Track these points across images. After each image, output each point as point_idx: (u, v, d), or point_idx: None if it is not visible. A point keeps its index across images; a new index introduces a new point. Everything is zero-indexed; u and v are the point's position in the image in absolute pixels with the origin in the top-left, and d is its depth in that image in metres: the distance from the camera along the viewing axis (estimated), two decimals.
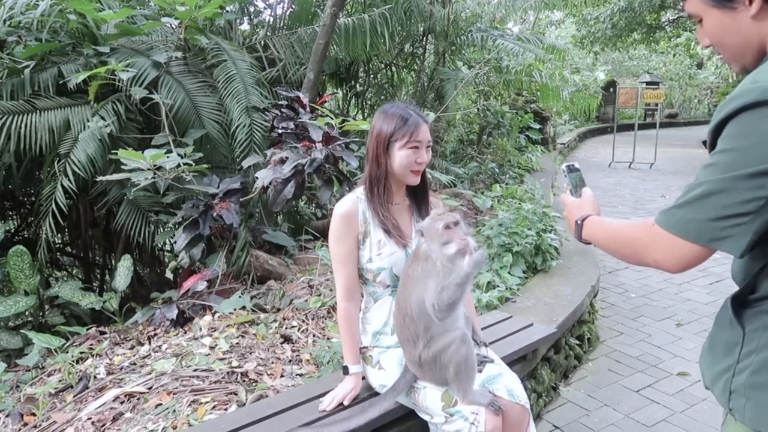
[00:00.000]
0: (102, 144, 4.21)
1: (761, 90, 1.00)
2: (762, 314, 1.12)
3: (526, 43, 7.92)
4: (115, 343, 3.44)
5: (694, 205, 1.09)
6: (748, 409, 1.11)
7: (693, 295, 4.97)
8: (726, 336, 1.19)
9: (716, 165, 1.06)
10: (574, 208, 1.58)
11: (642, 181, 11.50)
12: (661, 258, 1.16)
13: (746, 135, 1.02)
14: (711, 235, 1.07)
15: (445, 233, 1.93)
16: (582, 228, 1.49)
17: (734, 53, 1.20)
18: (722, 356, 1.18)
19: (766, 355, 1.09)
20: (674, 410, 3.20)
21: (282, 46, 5.82)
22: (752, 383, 1.10)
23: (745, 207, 1.02)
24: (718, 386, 1.18)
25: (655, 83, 14.81)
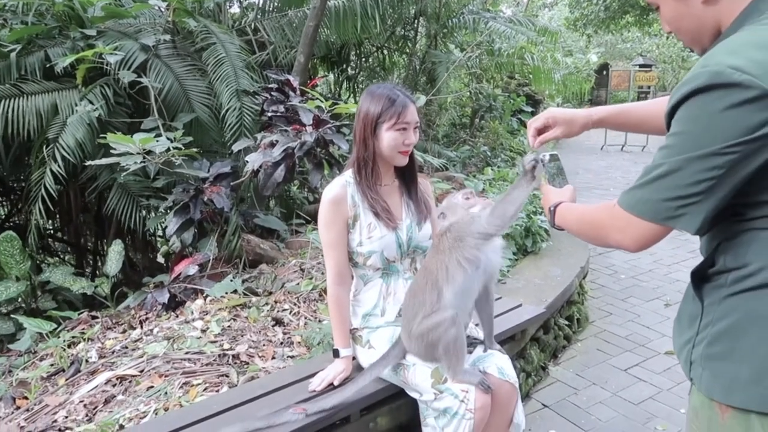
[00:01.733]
0: (91, 128, 4.18)
1: (709, 74, 1.02)
2: (718, 288, 1.15)
3: (518, 26, 7.89)
4: (106, 327, 3.44)
5: (650, 185, 1.12)
6: (704, 379, 1.14)
7: (682, 276, 5.02)
8: (689, 309, 1.23)
9: (670, 147, 1.09)
10: (550, 195, 1.60)
11: (634, 163, 11.54)
12: (620, 238, 1.20)
13: (696, 118, 1.04)
14: (666, 214, 1.10)
15: (466, 202, 2.01)
16: (555, 214, 1.52)
17: (692, 37, 1.23)
18: (686, 328, 1.22)
19: (719, 328, 1.13)
20: (661, 388, 3.25)
21: (272, 29, 5.77)
22: (707, 354, 1.14)
23: (697, 187, 1.05)
24: (682, 356, 1.22)
25: (648, 66, 14.82)
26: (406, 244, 2.19)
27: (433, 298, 1.98)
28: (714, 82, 1.01)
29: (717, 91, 1.01)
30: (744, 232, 1.10)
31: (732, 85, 0.99)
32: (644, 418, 2.97)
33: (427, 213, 2.30)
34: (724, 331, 1.12)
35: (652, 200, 1.12)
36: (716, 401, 1.13)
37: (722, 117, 1.01)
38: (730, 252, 1.12)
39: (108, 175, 4.39)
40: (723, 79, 1.00)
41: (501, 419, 2.07)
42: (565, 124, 1.70)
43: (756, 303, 1.08)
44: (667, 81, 26.40)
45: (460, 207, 2.01)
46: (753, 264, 1.08)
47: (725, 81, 1.00)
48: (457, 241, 1.95)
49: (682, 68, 26.63)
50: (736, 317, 1.11)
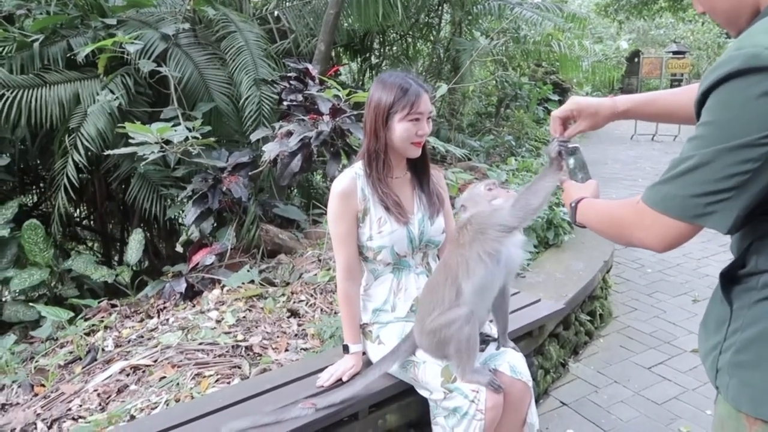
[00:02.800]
0: (111, 118, 4.21)
1: (745, 57, 0.92)
2: (749, 291, 1.07)
3: (545, 12, 7.69)
4: (125, 316, 3.47)
5: (677, 180, 1.03)
6: (731, 388, 1.07)
7: (712, 271, 4.86)
8: (717, 312, 1.15)
9: (699, 138, 1.00)
10: (572, 191, 1.51)
11: (665, 153, 11.23)
12: (644, 236, 1.12)
13: (729, 106, 0.95)
14: (695, 211, 1.02)
15: (488, 193, 1.93)
16: (576, 211, 1.43)
17: (728, 17, 1.12)
18: (713, 333, 1.14)
19: (749, 334, 1.05)
20: (686, 388, 3.14)
21: (293, 17, 5.73)
22: (736, 362, 1.07)
23: (729, 182, 0.96)
24: (708, 363, 1.15)
25: (682, 53, 14.37)
26: (417, 239, 2.13)
27: (452, 295, 1.92)
28: (750, 65, 0.91)
29: (753, 76, 0.91)
30: None
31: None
32: (668, 418, 2.87)
33: (440, 206, 2.23)
34: (754, 338, 1.04)
35: (680, 196, 1.03)
36: (744, 413, 1.05)
37: (758, 104, 0.91)
38: (764, 252, 1.03)
39: (129, 165, 4.42)
40: (760, 63, 0.90)
41: (514, 419, 2.01)
42: (590, 116, 1.59)
43: None
44: (701, 68, 25.60)
45: (483, 198, 1.94)
46: None
47: (763, 64, 0.90)
48: (478, 233, 1.87)
49: (718, 55, 25.77)
50: (767, 323, 1.03)
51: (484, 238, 1.86)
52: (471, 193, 2.00)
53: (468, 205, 1.96)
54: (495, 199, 1.92)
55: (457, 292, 1.92)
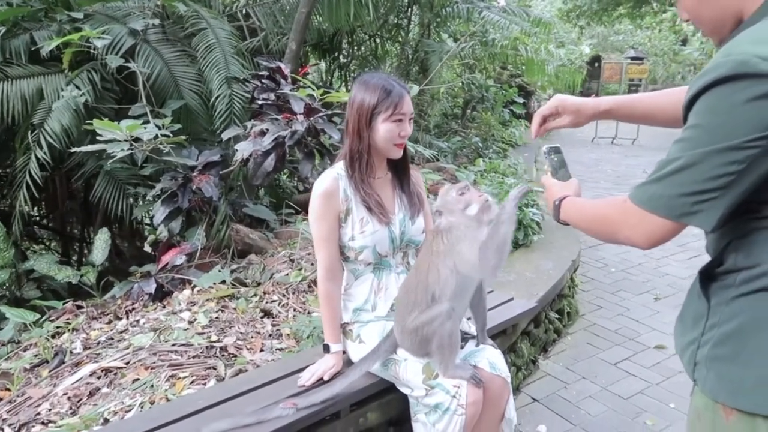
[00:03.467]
0: (77, 114, 4.09)
1: (734, 63, 0.97)
2: (726, 288, 1.12)
3: (512, 16, 7.83)
4: (92, 317, 3.39)
5: (665, 180, 1.08)
6: (709, 381, 1.12)
7: (672, 270, 5.03)
8: (694, 308, 1.20)
9: (687, 140, 1.05)
10: (555, 189, 1.54)
11: (624, 156, 11.56)
12: (630, 234, 1.16)
13: (716, 110, 1.00)
14: (682, 210, 1.06)
15: (461, 199, 1.93)
16: (560, 209, 1.47)
17: (713, 26, 1.19)
18: (690, 328, 1.20)
19: (727, 329, 1.10)
20: (650, 382, 3.25)
21: (264, 15, 5.67)
22: (713, 355, 1.12)
23: (715, 182, 1.01)
24: (685, 357, 1.20)
25: (640, 59, 14.80)
26: (398, 239, 2.15)
27: (427, 298, 1.95)
28: (738, 71, 0.96)
29: (741, 82, 0.96)
30: (759, 230, 1.06)
31: (757, 76, 0.95)
32: (633, 412, 2.97)
33: (420, 206, 2.26)
34: (731, 333, 1.09)
35: (667, 195, 1.07)
36: (721, 403, 1.10)
37: (745, 109, 0.96)
38: (742, 251, 1.09)
39: (94, 162, 4.31)
40: (748, 69, 0.95)
41: (493, 414, 2.05)
42: (573, 113, 1.65)
43: (766, 305, 1.05)
44: (657, 74, 26.45)
45: (456, 206, 1.93)
46: (765, 264, 1.05)
47: (751, 71, 0.95)
48: (452, 250, 1.91)
49: (674, 61, 26.70)
50: (744, 318, 1.08)
51: (458, 260, 1.90)
52: (444, 199, 1.99)
53: (443, 211, 1.97)
54: (469, 207, 1.92)
55: (432, 296, 1.95)
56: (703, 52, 22.93)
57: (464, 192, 1.95)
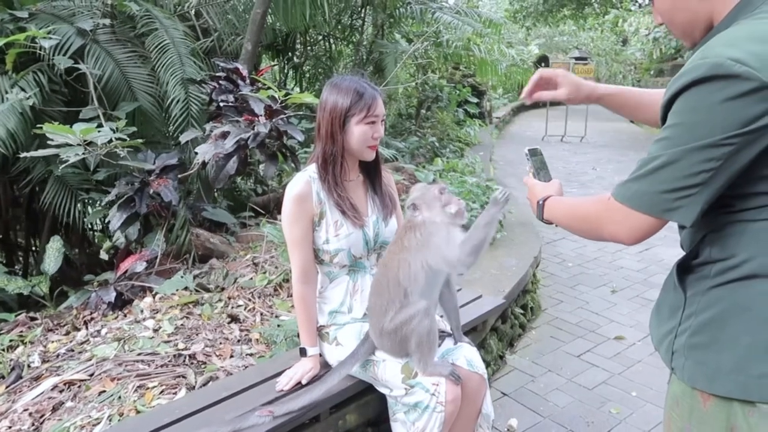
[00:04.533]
0: (24, 118, 3.90)
1: (709, 65, 1.02)
2: (702, 279, 1.17)
3: (463, 17, 7.93)
4: (48, 329, 3.25)
5: (647, 178, 1.12)
6: (687, 368, 1.17)
7: (626, 263, 5.21)
8: (670, 300, 1.25)
9: (667, 139, 1.10)
10: (537, 189, 1.57)
11: (574, 154, 11.89)
12: (615, 230, 1.20)
13: (695, 109, 1.05)
14: (663, 206, 1.11)
15: (441, 197, 1.94)
16: (543, 208, 1.50)
17: (684, 30, 1.25)
18: (667, 319, 1.25)
19: (703, 318, 1.15)
20: (613, 372, 3.36)
21: (216, 15, 5.56)
22: (691, 344, 1.17)
23: (695, 179, 1.06)
24: (663, 347, 1.25)
25: (584, 58, 15.26)
26: (373, 241, 2.15)
27: (399, 295, 1.96)
28: (714, 73, 1.01)
29: (716, 83, 1.01)
30: (732, 223, 1.12)
31: (731, 77, 1.00)
32: (599, 402, 3.06)
33: (393, 207, 2.27)
34: (707, 322, 1.14)
35: (649, 192, 1.12)
36: (699, 390, 1.15)
37: (721, 108, 1.01)
38: (717, 243, 1.14)
39: (43, 168, 4.12)
40: (723, 71, 1.01)
41: (471, 410, 2.08)
42: (572, 86, 1.68)
43: (740, 294, 1.10)
44: (601, 73, 27.35)
45: (436, 202, 1.95)
46: (739, 255, 1.10)
47: (725, 72, 1.00)
48: (424, 246, 1.93)
49: (615, 61, 27.68)
50: (720, 308, 1.13)
51: (431, 254, 1.92)
52: (424, 193, 1.99)
53: (420, 205, 1.97)
54: (448, 205, 1.94)
55: (404, 293, 1.96)
56: (643, 53, 23.85)
57: (443, 192, 1.97)
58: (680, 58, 15.37)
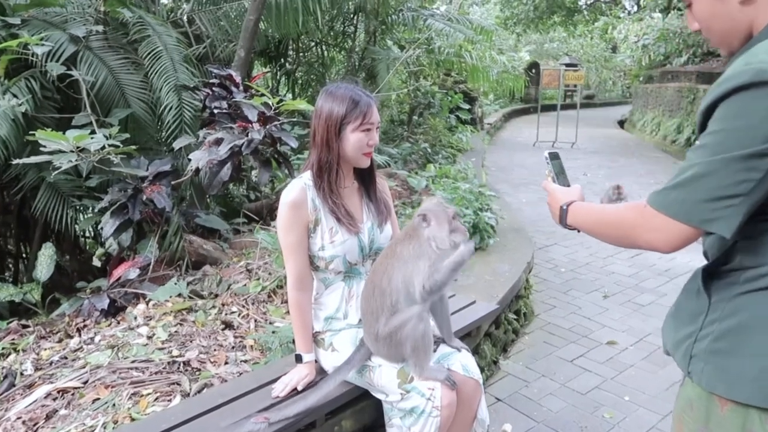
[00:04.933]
0: (16, 124, 3.89)
1: (754, 71, 1.01)
2: (730, 285, 1.17)
3: (455, 24, 7.98)
4: (40, 336, 3.23)
5: (686, 186, 1.10)
6: (706, 373, 1.17)
7: (617, 268, 5.25)
8: (691, 305, 1.25)
9: (707, 146, 1.07)
10: (558, 194, 1.54)
11: (565, 159, 11.73)
12: (652, 238, 1.17)
13: (738, 116, 1.03)
14: (702, 216, 1.08)
15: (453, 222, 1.96)
16: (567, 213, 1.46)
17: (722, 38, 1.23)
18: (686, 323, 1.24)
19: (728, 324, 1.15)
20: (605, 377, 3.38)
21: (209, 22, 5.58)
22: (712, 349, 1.17)
23: (736, 188, 1.03)
24: (680, 351, 1.24)
25: (575, 65, 15.39)
26: (368, 247, 2.17)
27: (386, 303, 1.98)
28: (759, 79, 1.00)
29: (762, 89, 1.00)
30: (766, 231, 1.10)
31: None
32: (592, 407, 3.08)
33: (387, 214, 2.28)
34: (732, 328, 1.14)
35: (688, 201, 1.09)
36: (717, 395, 1.15)
37: (765, 116, 1.00)
38: (750, 251, 1.13)
39: (35, 174, 4.11)
40: None
41: (466, 416, 2.09)
42: None
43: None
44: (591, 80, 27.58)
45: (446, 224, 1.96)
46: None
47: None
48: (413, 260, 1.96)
49: (605, 68, 27.91)
50: (746, 315, 1.12)
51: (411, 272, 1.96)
52: (439, 210, 1.99)
53: (430, 219, 1.97)
54: (454, 232, 1.96)
55: (390, 301, 1.98)
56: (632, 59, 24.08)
57: (455, 217, 1.99)
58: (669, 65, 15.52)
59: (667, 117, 14.60)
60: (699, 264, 1.29)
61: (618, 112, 21.53)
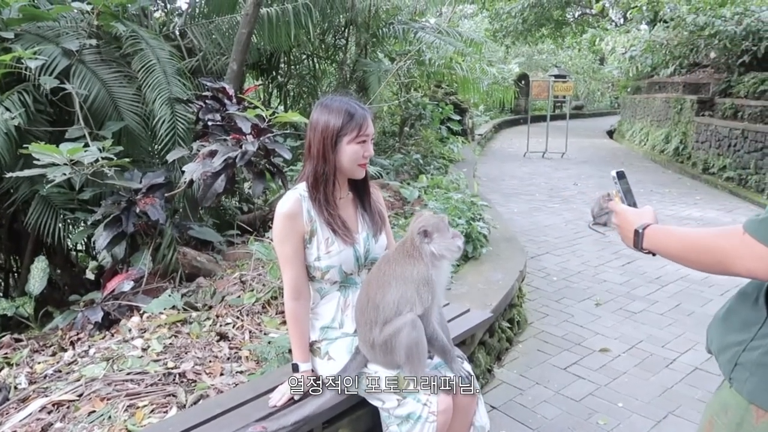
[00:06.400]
0: (9, 138, 3.89)
1: None
2: None
3: (445, 36, 8.07)
4: (34, 350, 3.21)
5: None
6: (750, 383, 1.18)
7: (608, 276, 5.29)
8: (746, 313, 1.25)
9: None
10: (631, 216, 1.47)
11: (555, 170, 12.06)
12: (754, 267, 1.14)
13: None
14: None
15: (451, 242, 2.02)
16: (643, 237, 1.40)
17: None
18: (737, 330, 1.24)
19: None
20: (599, 384, 3.41)
21: (201, 35, 5.61)
22: (762, 362, 1.17)
23: None
24: (725, 355, 1.25)
25: (563, 76, 15.56)
26: (363, 257, 2.19)
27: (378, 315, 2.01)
28: None
29: None
30: None
31: None
32: (586, 413, 3.10)
33: (382, 224, 2.31)
34: None
35: None
36: (755, 405, 1.17)
37: None
38: None
39: (28, 187, 4.10)
40: None
41: (462, 423, 2.11)
42: None
43: None
44: (579, 90, 27.86)
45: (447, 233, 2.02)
46: None
47: None
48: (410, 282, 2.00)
49: (593, 79, 28.21)
50: None
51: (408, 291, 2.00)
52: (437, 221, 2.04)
53: (432, 234, 2.02)
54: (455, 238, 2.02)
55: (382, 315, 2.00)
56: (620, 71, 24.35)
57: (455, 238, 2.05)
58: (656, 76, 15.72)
59: (655, 127, 14.77)
60: (690, 272, 1.30)
61: (607, 123, 21.76)
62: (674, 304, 4.59)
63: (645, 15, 13.71)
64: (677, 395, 3.28)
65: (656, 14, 13.32)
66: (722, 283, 4.82)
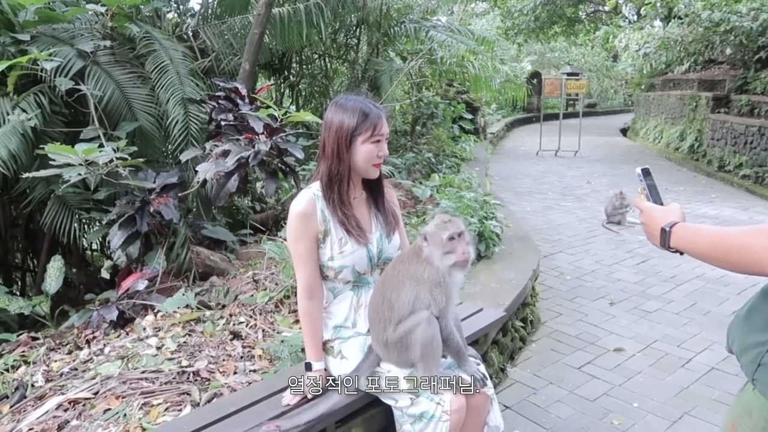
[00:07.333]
0: (25, 139, 3.94)
1: None
2: None
3: (457, 35, 8.05)
4: (50, 348, 3.25)
5: None
6: None
7: (623, 275, 5.25)
8: None
9: None
10: (657, 213, 1.43)
11: (568, 168, 11.99)
12: None
13: None
14: None
15: (448, 243, 1.96)
16: (671, 236, 1.37)
17: None
18: (760, 330, 1.22)
19: None
20: (613, 384, 3.38)
21: (213, 36, 5.65)
22: None
23: None
24: (748, 356, 1.23)
25: (576, 74, 15.45)
26: (376, 257, 2.19)
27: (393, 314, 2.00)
28: None
29: None
30: None
31: None
32: (601, 413, 3.08)
33: (395, 224, 2.30)
34: None
35: None
36: None
37: None
38: None
39: (44, 188, 4.15)
40: None
41: (475, 422, 2.10)
42: None
43: None
44: (592, 88, 27.66)
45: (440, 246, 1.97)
46: None
47: None
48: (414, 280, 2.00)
49: (607, 76, 28.00)
50: None
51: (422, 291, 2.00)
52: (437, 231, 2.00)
53: (429, 239, 2.01)
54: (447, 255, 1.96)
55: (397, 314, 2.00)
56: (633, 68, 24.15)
57: (454, 237, 1.97)
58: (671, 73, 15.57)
59: (670, 124, 14.63)
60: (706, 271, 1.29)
61: (620, 121, 21.60)
62: (690, 304, 4.55)
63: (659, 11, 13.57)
64: (693, 395, 3.25)
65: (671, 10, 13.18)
66: (739, 282, 4.77)
